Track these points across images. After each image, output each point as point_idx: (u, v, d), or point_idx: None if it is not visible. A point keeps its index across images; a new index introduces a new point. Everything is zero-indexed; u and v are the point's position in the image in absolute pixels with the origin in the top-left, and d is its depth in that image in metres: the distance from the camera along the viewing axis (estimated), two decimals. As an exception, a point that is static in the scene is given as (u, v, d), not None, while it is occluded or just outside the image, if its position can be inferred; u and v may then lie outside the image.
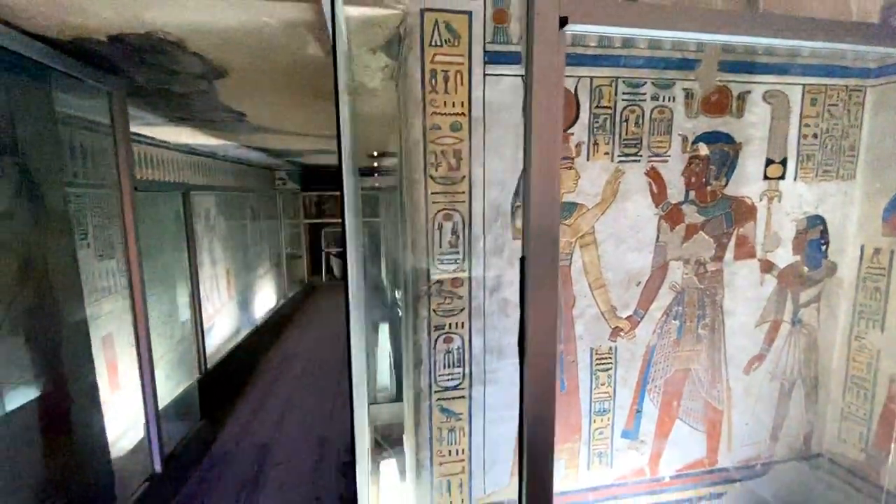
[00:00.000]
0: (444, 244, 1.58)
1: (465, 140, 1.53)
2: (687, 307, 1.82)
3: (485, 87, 1.53)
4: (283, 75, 2.12)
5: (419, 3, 1.42)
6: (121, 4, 1.40)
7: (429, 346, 1.63)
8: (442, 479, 1.72)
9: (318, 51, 1.80)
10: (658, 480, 1.93)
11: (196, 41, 1.69)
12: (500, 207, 1.60)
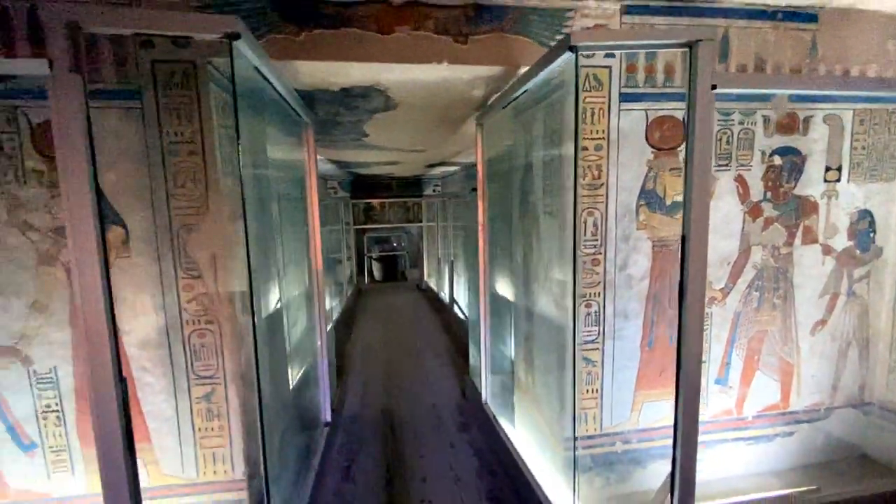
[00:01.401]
0: (588, 234, 2.15)
1: (604, 157, 2.11)
2: (765, 282, 2.36)
3: (619, 119, 2.10)
4: (434, 108, 2.72)
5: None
6: (369, 70, 2.01)
7: (574, 310, 2.19)
8: (581, 412, 2.28)
9: (480, 93, 2.41)
10: (742, 419, 2.45)
11: (396, 88, 2.29)
12: (628, 206, 2.16)
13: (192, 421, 1.97)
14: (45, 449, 1.91)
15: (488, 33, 1.96)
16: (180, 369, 1.94)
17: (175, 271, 1.88)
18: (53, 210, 1.78)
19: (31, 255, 1.79)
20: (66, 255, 1.81)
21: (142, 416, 1.94)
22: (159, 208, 1.84)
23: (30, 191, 1.76)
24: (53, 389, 1.87)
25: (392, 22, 1.88)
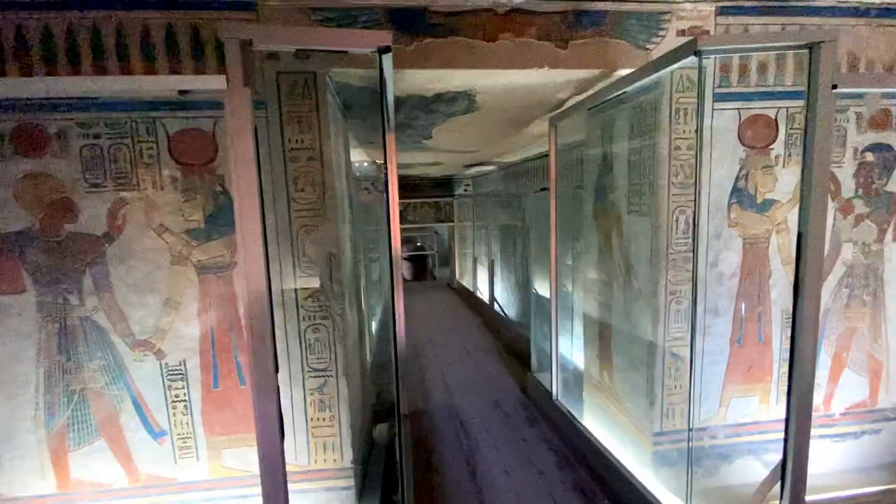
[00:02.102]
0: (679, 231, 2.19)
1: (697, 156, 2.14)
2: (855, 279, 2.35)
3: (712, 118, 2.13)
4: (511, 110, 2.79)
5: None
6: (469, 76, 2.09)
7: (664, 306, 2.23)
8: (668, 407, 2.32)
9: (566, 94, 2.47)
10: (829, 416, 2.45)
11: (485, 92, 2.37)
12: (719, 204, 2.20)
13: (305, 411, 2.09)
14: (172, 436, 2.04)
15: (587, 38, 2.02)
16: (296, 362, 2.05)
17: (294, 269, 1.99)
18: (186, 213, 1.91)
19: (166, 255, 1.93)
20: (196, 255, 1.94)
21: (260, 406, 2.06)
22: (280, 211, 1.96)
23: (166, 196, 1.89)
24: (182, 381, 2.01)
25: (497, 30, 1.96)
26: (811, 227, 1.57)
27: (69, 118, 1.81)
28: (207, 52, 1.83)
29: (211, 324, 1.99)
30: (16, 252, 1.86)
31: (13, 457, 1.98)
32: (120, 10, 1.78)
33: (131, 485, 2.05)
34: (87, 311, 1.92)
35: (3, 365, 1.91)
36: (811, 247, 1.58)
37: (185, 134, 1.87)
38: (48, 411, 1.97)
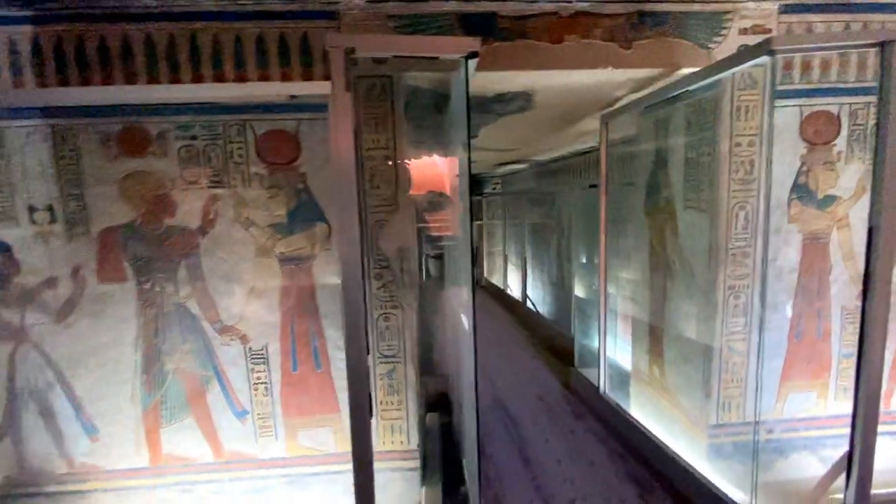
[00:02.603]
0: (738, 227, 2.22)
1: (757, 153, 2.18)
2: (918, 275, 2.34)
3: (772, 115, 2.16)
4: (563, 108, 2.87)
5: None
6: (530, 77, 2.18)
7: (722, 301, 2.27)
8: (725, 400, 2.35)
9: (623, 92, 2.53)
10: (890, 413, 2.44)
11: (544, 92, 2.46)
12: (779, 199, 2.22)
13: (375, 395, 2.21)
14: (254, 416, 2.20)
15: (651, 38, 2.08)
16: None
17: (368, 261, 2.12)
18: (270, 209, 2.06)
19: (252, 248, 2.08)
20: (279, 248, 2.08)
21: (333, 389, 2.20)
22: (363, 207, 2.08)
23: (252, 192, 2.04)
24: (264, 364, 2.16)
25: (562, 32, 2.04)
26: (883, 222, 1.60)
27: (169, 121, 1.98)
28: (293, 59, 1.97)
29: (291, 311, 2.13)
30: (119, 244, 2.04)
31: (112, 432, 2.17)
32: (216, 22, 1.93)
33: (216, 460, 2.22)
34: (181, 298, 2.09)
35: (106, 348, 2.10)
36: (882, 241, 1.61)
37: (271, 135, 2.02)
38: (144, 390, 2.15)
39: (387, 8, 1.97)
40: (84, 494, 2.19)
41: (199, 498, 2.23)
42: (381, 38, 1.66)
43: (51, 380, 2.11)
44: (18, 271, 2.03)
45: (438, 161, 4.17)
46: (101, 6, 1.89)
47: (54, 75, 1.93)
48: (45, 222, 2.01)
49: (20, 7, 1.87)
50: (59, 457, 2.16)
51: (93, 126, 1.96)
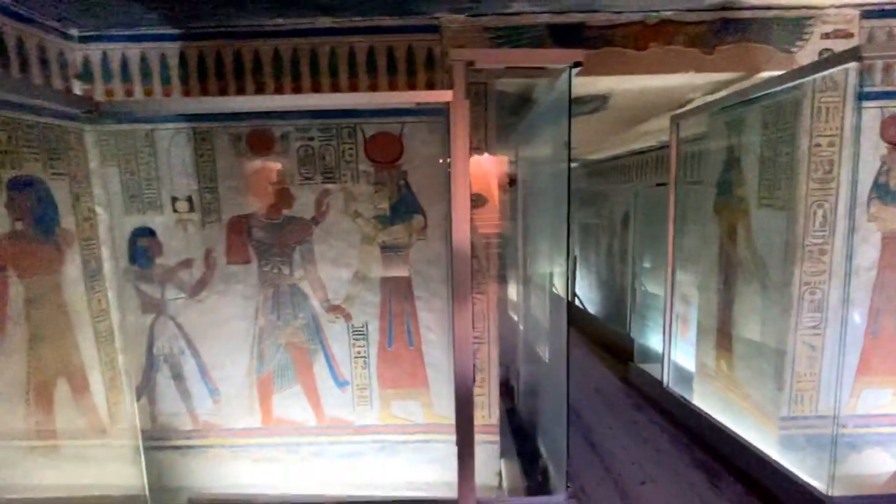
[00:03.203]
0: (816, 225, 2.29)
1: (837, 153, 2.24)
2: None
3: (853, 117, 2.22)
4: (633, 109, 2.99)
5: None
6: (611, 81, 2.34)
7: (798, 297, 2.34)
8: (797, 393, 2.42)
9: (698, 95, 2.64)
10: (970, 414, 2.43)
11: (621, 95, 2.61)
12: (858, 199, 2.27)
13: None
14: (353, 386, 2.46)
15: (733, 44, 2.19)
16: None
17: (458, 251, 2.33)
18: (375, 202, 2.31)
19: (357, 236, 2.34)
20: (381, 237, 2.33)
21: (423, 365, 2.43)
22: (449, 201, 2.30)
23: (360, 187, 2.30)
24: (364, 340, 2.42)
25: (647, 39, 2.18)
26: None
27: (290, 124, 2.26)
28: (399, 68, 2.21)
29: (389, 294, 2.38)
30: (245, 231, 2.35)
31: (231, 395, 2.48)
32: (333, 37, 2.20)
33: (318, 425, 2.50)
34: (295, 279, 2.38)
35: (230, 321, 2.42)
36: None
37: (378, 137, 2.27)
38: (260, 360, 2.45)
39: (483, 21, 2.17)
40: (205, 449, 2.52)
41: (302, 458, 2.52)
42: (497, 52, 1.87)
43: (182, 347, 2.45)
44: (161, 253, 2.37)
45: (483, 161, 4.34)
46: (238, 25, 2.19)
47: (197, 85, 2.25)
48: (185, 211, 2.34)
49: (172, 27, 2.19)
50: (186, 415, 2.50)
51: (227, 128, 2.27)
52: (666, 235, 3.46)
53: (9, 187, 1.87)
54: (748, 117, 2.57)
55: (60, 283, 2.11)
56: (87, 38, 2.20)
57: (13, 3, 1.89)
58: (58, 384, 2.08)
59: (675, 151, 3.15)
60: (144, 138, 2.28)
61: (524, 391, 3.45)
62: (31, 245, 1.97)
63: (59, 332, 2.10)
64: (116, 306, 2.39)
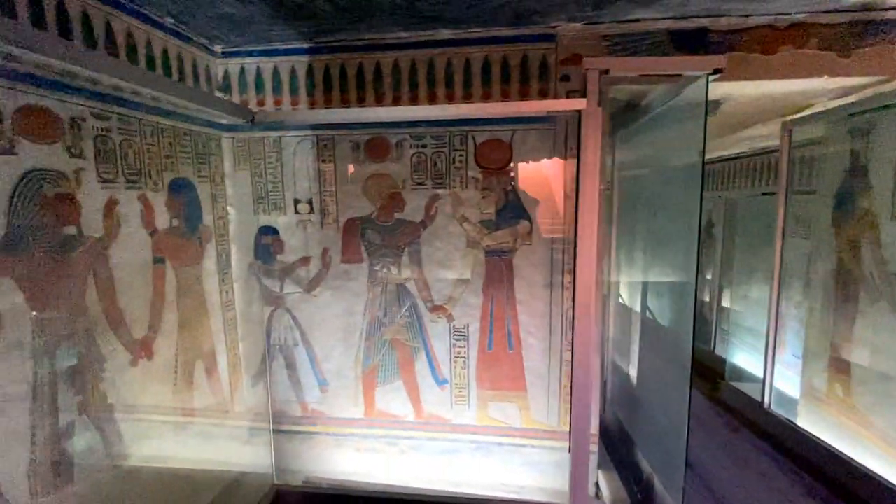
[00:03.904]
0: (966, 241, 2.09)
1: None
2: None
3: None
4: (739, 115, 2.88)
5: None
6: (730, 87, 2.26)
7: (940, 318, 2.15)
8: (936, 425, 2.21)
9: (814, 101, 2.50)
10: None
11: (732, 100, 2.52)
12: None
13: (560, 380, 2.43)
14: (451, 385, 2.54)
15: (872, 46, 2.05)
16: (556, 336, 2.41)
17: (563, 257, 2.34)
18: (482, 207, 2.37)
19: (463, 240, 2.41)
20: (486, 241, 2.39)
21: (522, 369, 2.47)
22: (556, 206, 2.32)
23: (468, 193, 2.38)
24: (464, 341, 2.49)
25: (776, 43, 2.10)
26: None
27: (405, 132, 2.38)
28: (513, 77, 2.27)
29: (491, 297, 2.44)
30: (359, 232, 2.49)
31: (340, 387, 2.64)
32: (450, 48, 2.29)
33: (416, 420, 2.59)
34: (402, 279, 2.49)
35: (342, 316, 2.57)
36: None
37: (488, 143, 2.34)
38: (366, 354, 2.59)
39: (600, 29, 2.18)
40: (312, 436, 2.69)
41: (401, 451, 2.63)
42: (631, 60, 1.88)
43: (297, 338, 2.63)
44: (282, 250, 2.57)
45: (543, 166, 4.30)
46: (362, 39, 2.33)
47: (321, 95, 2.42)
48: (305, 212, 2.52)
49: (303, 42, 2.38)
50: (296, 402, 2.69)
51: (347, 136, 2.43)
52: (760, 247, 3.27)
53: (169, 188, 2.11)
54: (881, 122, 2.39)
55: (201, 274, 2.34)
56: (229, 53, 2.44)
57: (176, 25, 2.13)
58: (196, 366, 2.31)
59: (787, 159, 2.98)
60: (272, 145, 2.49)
61: (613, 400, 3.38)
62: (181, 240, 2.21)
63: (199, 319, 2.33)
64: (241, 298, 2.62)
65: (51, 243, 1.57)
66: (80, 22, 1.67)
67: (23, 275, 1.48)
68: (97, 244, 1.74)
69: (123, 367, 1.88)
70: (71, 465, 1.65)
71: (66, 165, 1.62)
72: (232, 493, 2.40)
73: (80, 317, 1.68)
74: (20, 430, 1.48)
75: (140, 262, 1.96)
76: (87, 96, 1.70)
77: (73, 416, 1.65)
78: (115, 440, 1.83)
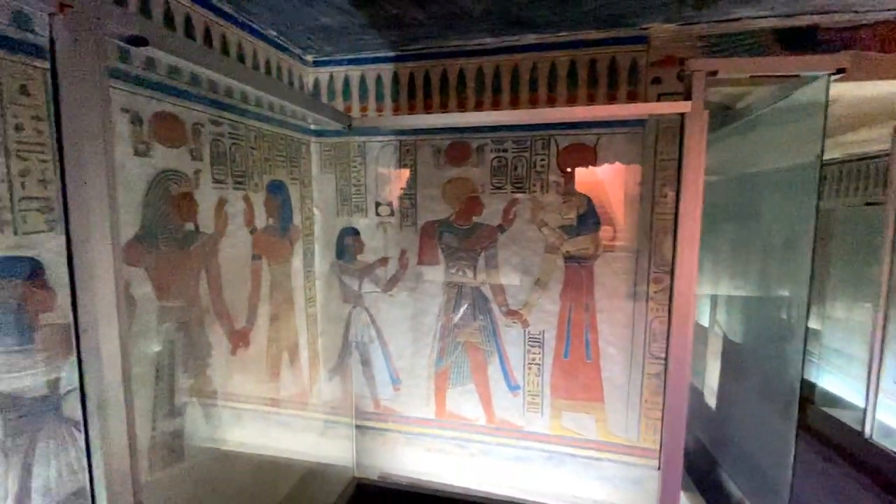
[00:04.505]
0: None
1: None
2: None
3: None
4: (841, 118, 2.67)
5: None
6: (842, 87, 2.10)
7: None
8: None
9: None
10: None
11: (842, 101, 2.34)
12: None
13: (641, 392, 2.34)
14: (524, 391, 2.51)
15: None
16: (638, 347, 2.32)
17: (649, 266, 2.26)
18: (562, 212, 2.34)
19: (541, 245, 2.39)
20: (565, 247, 2.36)
21: (600, 380, 2.40)
22: (642, 213, 2.25)
23: (549, 197, 2.35)
24: (539, 347, 2.46)
25: (898, 40, 1.93)
26: None
27: (487, 137, 2.40)
28: (600, 81, 2.23)
29: (569, 304, 2.39)
30: (436, 235, 2.53)
31: (412, 386, 2.68)
32: (535, 52, 2.28)
33: (487, 424, 2.59)
34: (478, 283, 2.50)
35: (417, 316, 2.62)
36: None
37: (571, 148, 2.30)
38: (439, 355, 2.62)
39: (696, 30, 2.10)
40: (384, 432, 2.76)
41: (470, 454, 2.63)
42: (742, 61, 1.80)
43: (373, 336, 2.71)
44: (362, 251, 2.66)
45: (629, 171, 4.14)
46: (447, 46, 2.38)
47: (405, 101, 2.49)
48: (386, 215, 2.59)
49: (388, 50, 2.46)
50: (370, 398, 2.76)
51: (429, 141, 2.48)
52: (858, 263, 2.99)
53: (267, 189, 2.25)
54: None
55: (289, 271, 2.47)
56: (319, 62, 2.56)
57: (278, 36, 2.27)
58: (282, 358, 2.44)
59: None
60: (357, 150, 2.59)
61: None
62: (275, 238, 2.34)
63: (286, 314, 2.45)
64: (322, 295, 2.73)
65: (173, 238, 1.72)
66: (202, 35, 1.83)
67: (151, 266, 1.63)
68: (209, 240, 1.88)
69: (225, 356, 2.01)
70: (182, 444, 1.78)
71: (188, 167, 1.77)
72: (311, 483, 2.50)
73: (194, 306, 1.82)
74: (145, 408, 1.63)
75: (242, 258, 2.10)
76: (206, 104, 1.85)
77: (185, 398, 1.79)
78: (216, 423, 1.97)
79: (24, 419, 1.21)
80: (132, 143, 1.54)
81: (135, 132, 1.55)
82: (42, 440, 1.24)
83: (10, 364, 1.18)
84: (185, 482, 1.79)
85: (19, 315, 1.19)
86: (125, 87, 1.51)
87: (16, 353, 1.20)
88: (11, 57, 1.16)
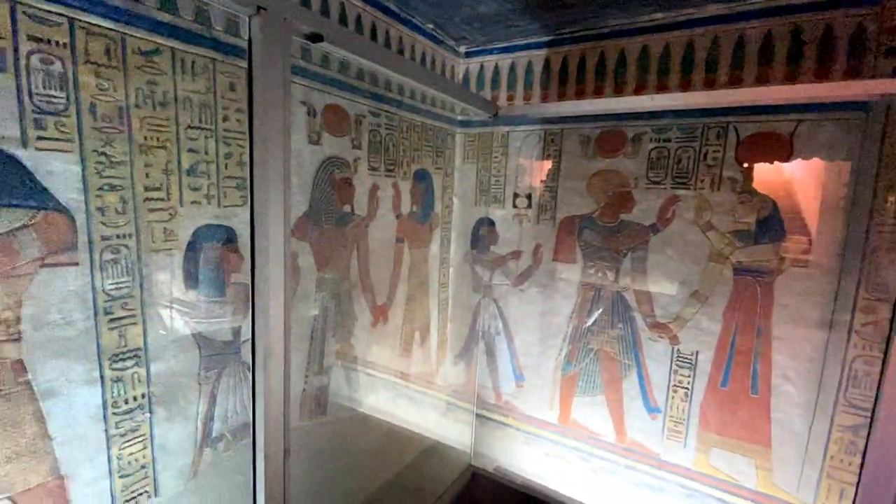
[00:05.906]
0: None
1: None
2: None
3: None
4: None
5: None
6: None
7: None
8: None
9: None
10: None
11: None
12: None
13: (825, 445, 1.87)
14: (665, 416, 2.22)
15: None
16: (828, 390, 1.85)
17: (856, 289, 1.77)
18: (737, 215, 1.97)
19: (704, 250, 2.06)
20: (737, 256, 1.99)
21: (768, 420, 1.98)
22: (854, 223, 1.76)
23: (720, 196, 2.00)
24: (689, 370, 2.14)
25: None
26: None
27: (646, 125, 2.14)
28: (808, 54, 1.79)
29: (735, 325, 2.02)
30: (575, 231, 2.37)
31: (536, 385, 2.59)
32: (717, 25, 1.94)
33: (616, 443, 2.36)
34: (619, 287, 2.28)
35: (546, 315, 2.51)
36: None
37: (757, 137, 1.91)
38: (567, 359, 2.47)
39: (973, -24, 1.53)
40: (502, 426, 2.73)
41: (593, 470, 2.44)
42: None
43: (499, 328, 2.68)
44: (496, 242, 2.64)
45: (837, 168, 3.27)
46: (607, 25, 2.17)
47: (556, 88, 2.36)
48: (523, 207, 2.52)
49: (542, 35, 2.35)
50: (491, 389, 2.76)
51: (577, 130, 2.32)
52: None
53: (414, 177, 2.37)
54: None
55: (427, 256, 2.58)
56: (471, 53, 2.58)
57: (434, 29, 2.34)
58: (414, 337, 2.57)
59: None
60: (500, 140, 2.56)
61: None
62: (417, 224, 2.46)
63: (421, 296, 2.58)
64: (455, 282, 2.80)
65: (333, 217, 1.92)
66: (369, 31, 1.98)
67: (314, 241, 1.85)
68: (362, 222, 2.06)
69: (366, 327, 2.20)
70: (326, 400, 2.01)
71: (349, 155, 1.95)
72: (431, 459, 2.61)
73: (345, 280, 2.02)
74: (299, 364, 1.86)
75: (387, 241, 2.26)
76: (367, 96, 2.00)
77: (332, 360, 2.00)
78: (355, 387, 2.17)
79: (214, 357, 1.48)
80: (307, 133, 1.75)
81: (309, 122, 1.76)
82: (225, 377, 1.51)
83: (209, 311, 1.45)
84: (325, 434, 2.01)
85: (217, 273, 1.46)
86: (304, 81, 1.71)
87: (214, 303, 1.47)
88: (224, 58, 1.40)
